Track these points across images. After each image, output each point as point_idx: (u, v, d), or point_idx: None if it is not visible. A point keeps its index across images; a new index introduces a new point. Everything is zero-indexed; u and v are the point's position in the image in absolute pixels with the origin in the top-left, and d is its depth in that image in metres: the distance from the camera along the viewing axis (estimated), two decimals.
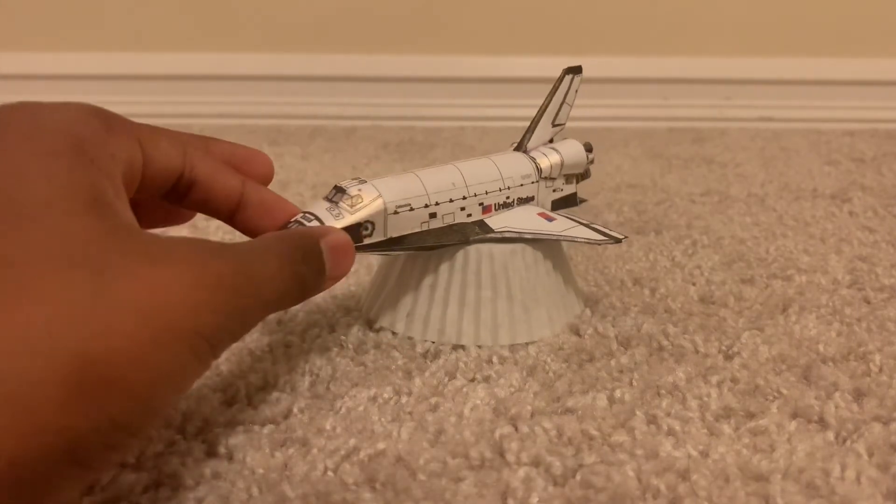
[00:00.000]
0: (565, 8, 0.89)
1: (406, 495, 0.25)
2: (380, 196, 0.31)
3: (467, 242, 0.34)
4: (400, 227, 0.32)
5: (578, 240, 0.34)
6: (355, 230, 0.30)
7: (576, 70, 0.38)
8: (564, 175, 0.39)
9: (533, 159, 0.37)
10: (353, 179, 0.32)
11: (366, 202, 0.31)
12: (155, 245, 0.20)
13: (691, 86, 0.92)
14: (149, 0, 0.89)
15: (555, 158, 0.38)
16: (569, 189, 0.40)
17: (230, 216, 0.29)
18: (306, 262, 0.25)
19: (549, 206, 0.38)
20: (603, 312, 0.38)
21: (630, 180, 0.64)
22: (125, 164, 0.23)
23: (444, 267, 0.34)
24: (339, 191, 0.31)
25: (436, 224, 0.33)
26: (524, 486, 0.25)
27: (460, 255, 0.34)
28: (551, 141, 0.40)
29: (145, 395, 0.19)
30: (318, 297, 0.40)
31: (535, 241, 0.35)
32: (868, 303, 0.40)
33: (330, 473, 0.26)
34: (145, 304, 0.19)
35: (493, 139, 0.81)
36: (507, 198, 0.36)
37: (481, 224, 0.35)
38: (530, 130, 0.38)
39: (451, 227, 0.34)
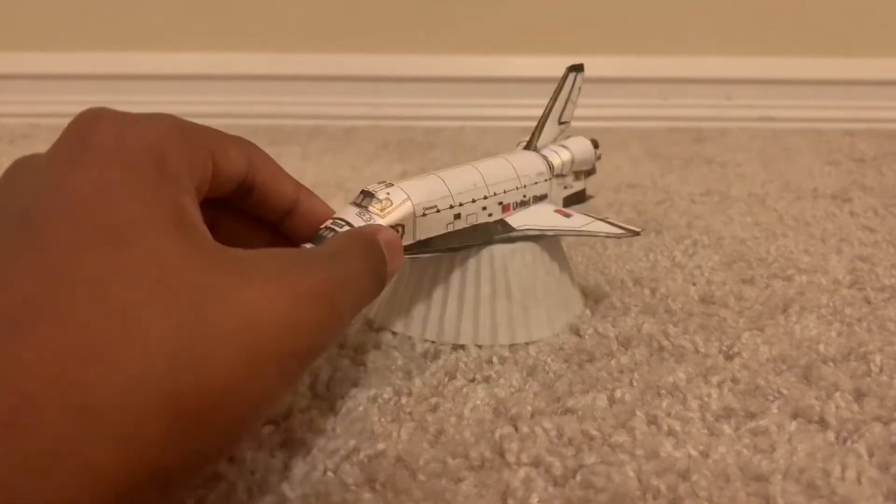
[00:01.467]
0: (565, 8, 0.89)
1: (406, 496, 0.25)
2: (408, 199, 0.30)
3: (491, 242, 0.34)
4: (427, 230, 0.32)
5: (599, 234, 0.35)
6: None
7: (578, 68, 0.39)
8: (574, 172, 0.39)
9: (545, 157, 0.37)
10: (379, 183, 0.31)
11: (395, 205, 0.30)
12: (245, 262, 0.20)
13: (691, 86, 0.92)
14: (149, 0, 0.89)
15: (566, 156, 0.38)
16: (578, 186, 0.40)
17: (279, 221, 0.28)
18: (379, 259, 0.26)
19: (560, 202, 0.39)
20: (603, 312, 0.38)
21: (630, 180, 0.64)
22: (199, 179, 0.23)
23: (443, 266, 0.34)
24: (368, 195, 0.30)
25: (460, 225, 0.33)
26: (524, 487, 0.25)
27: (460, 254, 0.34)
28: (558, 139, 0.40)
29: (237, 426, 0.19)
30: None
31: (535, 240, 0.35)
32: (868, 303, 0.40)
33: (330, 474, 0.26)
34: (239, 330, 0.18)
35: (493, 139, 0.81)
36: (524, 196, 0.36)
37: (503, 223, 0.35)
38: (538, 129, 0.38)
39: (475, 227, 0.34)
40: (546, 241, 0.36)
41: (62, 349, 0.16)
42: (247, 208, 0.27)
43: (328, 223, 0.29)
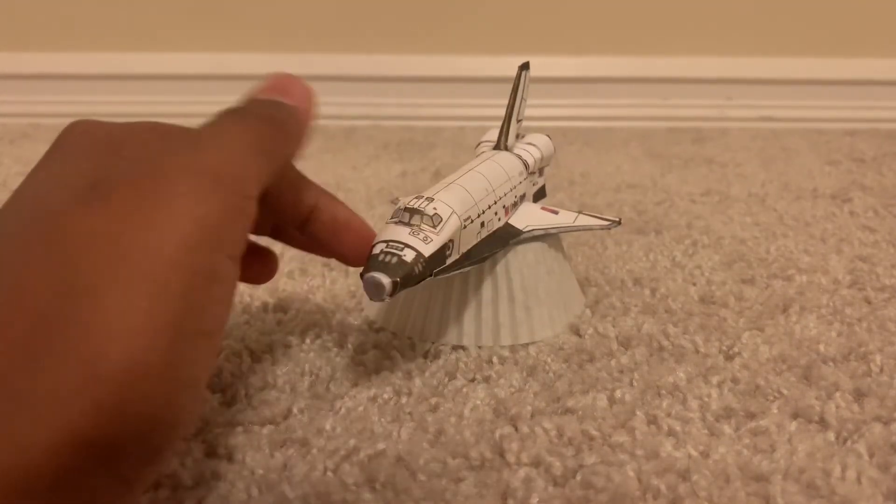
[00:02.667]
0: (566, 8, 0.89)
1: (406, 496, 0.25)
2: (454, 212, 0.30)
3: (506, 246, 0.34)
4: (466, 242, 0.31)
5: (593, 227, 0.36)
6: (442, 252, 0.29)
7: (525, 66, 0.39)
8: (539, 168, 0.39)
9: (518, 156, 0.37)
10: (416, 198, 0.30)
11: (445, 220, 0.29)
12: None
13: (691, 86, 0.92)
14: (149, 0, 0.89)
15: (536, 153, 0.38)
16: (541, 181, 0.40)
17: (299, 228, 0.28)
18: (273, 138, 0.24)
19: (531, 199, 0.39)
20: (603, 312, 0.38)
21: (630, 180, 0.64)
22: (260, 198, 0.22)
23: None
24: (414, 212, 0.29)
25: (484, 233, 0.33)
26: (524, 487, 0.25)
27: None
28: (518, 137, 0.40)
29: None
30: (318, 297, 0.40)
31: (536, 240, 0.35)
32: (868, 303, 0.40)
33: (330, 474, 0.26)
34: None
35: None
36: (516, 197, 0.36)
37: (510, 227, 0.35)
38: (506, 129, 0.38)
39: (494, 234, 0.34)
40: (547, 240, 0.36)
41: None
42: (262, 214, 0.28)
43: (382, 248, 0.28)
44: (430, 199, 0.30)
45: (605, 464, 0.26)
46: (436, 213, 0.29)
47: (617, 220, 0.37)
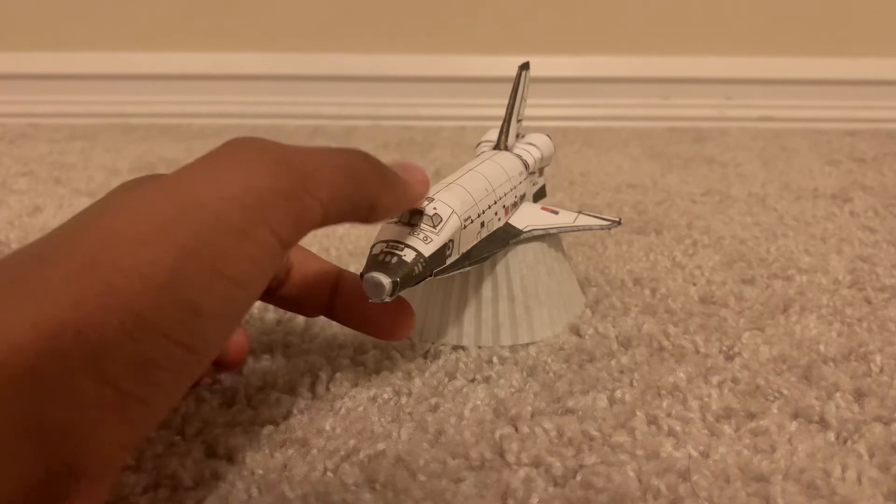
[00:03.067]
0: (565, 8, 0.89)
1: (406, 496, 0.25)
2: (453, 211, 0.30)
3: (506, 246, 0.34)
4: (466, 242, 0.31)
5: (592, 228, 0.36)
6: (442, 252, 0.29)
7: (526, 66, 0.39)
8: (539, 168, 0.39)
9: (519, 156, 0.37)
10: None
11: (444, 219, 0.29)
12: None
13: (691, 86, 0.92)
14: (149, 0, 0.89)
15: (536, 153, 0.38)
16: (541, 181, 0.40)
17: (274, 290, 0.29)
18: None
19: (531, 199, 0.39)
20: (603, 312, 0.38)
21: (630, 180, 0.64)
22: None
23: None
24: (414, 212, 0.29)
25: (484, 233, 0.33)
26: (524, 487, 0.25)
27: None
28: (518, 136, 0.40)
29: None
30: None
31: (536, 240, 0.35)
32: (869, 303, 0.40)
33: (330, 474, 0.26)
34: None
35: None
36: (516, 197, 0.36)
37: (510, 227, 0.35)
38: (506, 128, 0.38)
39: (494, 234, 0.33)
40: (547, 240, 0.36)
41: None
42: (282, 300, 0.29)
43: (382, 248, 0.28)
44: (431, 199, 0.30)
45: (606, 464, 0.26)
46: (436, 213, 0.29)
47: (617, 220, 0.37)
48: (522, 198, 0.37)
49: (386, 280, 0.27)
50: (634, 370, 0.32)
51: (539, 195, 0.40)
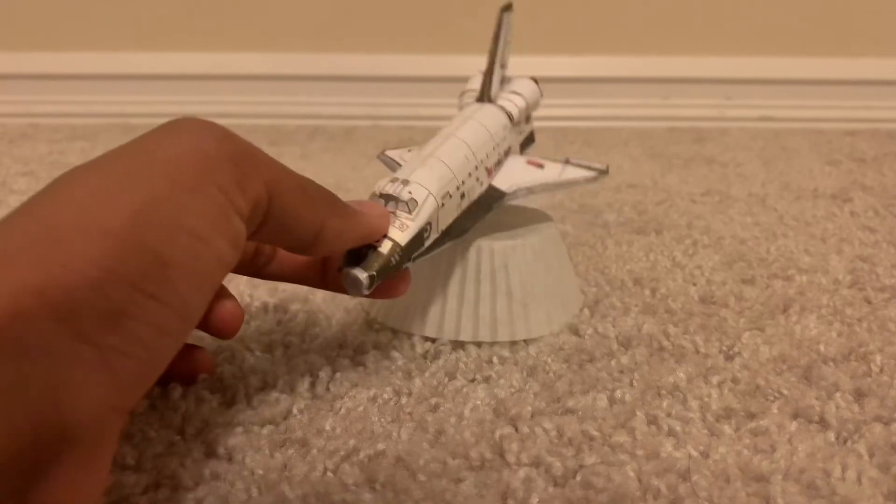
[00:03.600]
0: (565, 8, 0.89)
1: (406, 496, 0.25)
2: (430, 193, 0.29)
3: (490, 210, 0.33)
4: (446, 219, 0.30)
5: (578, 181, 0.35)
6: (419, 236, 0.29)
7: (508, 7, 0.38)
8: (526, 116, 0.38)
9: (503, 108, 0.36)
10: (391, 182, 0.30)
11: (420, 203, 0.29)
12: None
13: (691, 86, 0.92)
14: (149, 0, 0.89)
15: (520, 102, 0.37)
16: (528, 128, 0.39)
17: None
18: None
19: (517, 149, 0.38)
20: (603, 312, 0.38)
21: (630, 180, 0.64)
22: (248, 219, 0.23)
23: (443, 263, 0.34)
24: (389, 198, 0.29)
25: (465, 204, 0.32)
26: (524, 487, 0.25)
27: (460, 250, 0.34)
28: (503, 83, 0.39)
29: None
30: (318, 297, 0.40)
31: (536, 237, 0.35)
32: (869, 303, 0.40)
33: (329, 474, 0.26)
34: None
35: None
36: (500, 155, 0.35)
37: (493, 190, 0.33)
38: (488, 78, 0.37)
39: (476, 202, 0.32)
40: (547, 238, 0.36)
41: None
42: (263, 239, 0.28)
43: None
44: (406, 182, 0.29)
45: (606, 464, 0.26)
46: (411, 199, 0.29)
47: (604, 168, 0.35)
48: (508, 151, 0.36)
49: (363, 275, 0.27)
50: (634, 370, 0.32)
51: (527, 143, 0.39)
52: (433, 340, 0.35)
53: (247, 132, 0.28)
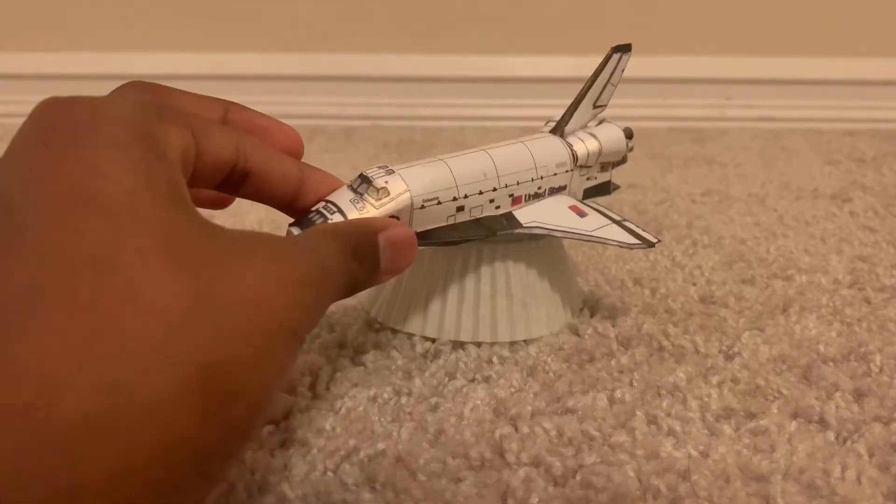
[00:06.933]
0: (565, 8, 0.89)
1: (406, 496, 0.25)
2: (407, 190, 0.29)
3: (493, 236, 0.32)
4: (425, 222, 0.30)
5: (609, 242, 0.32)
6: None
7: (625, 48, 0.35)
8: (600, 163, 0.36)
9: (570, 145, 0.35)
10: (379, 168, 0.29)
11: (392, 196, 0.28)
12: (240, 242, 0.20)
13: (691, 86, 0.92)
14: (149, 0, 0.89)
15: (593, 146, 0.35)
16: (603, 177, 0.37)
17: (289, 204, 0.27)
18: (358, 258, 0.25)
19: (580, 194, 0.36)
20: (603, 312, 0.38)
21: (630, 180, 0.64)
22: (181, 156, 0.22)
23: (443, 262, 0.34)
24: (365, 181, 0.29)
25: (462, 217, 0.31)
26: (524, 487, 0.25)
27: (460, 250, 0.34)
28: (588, 124, 0.37)
29: (262, 399, 0.18)
30: None
31: (537, 239, 0.34)
32: (869, 303, 0.40)
33: (330, 474, 0.26)
34: (250, 305, 0.18)
35: (493, 139, 0.80)
36: (539, 188, 0.33)
37: (509, 217, 0.33)
38: (570, 111, 0.35)
39: (478, 220, 0.32)
40: (548, 238, 0.35)
41: (77, 329, 0.15)
42: (250, 195, 0.26)
43: (320, 206, 0.28)
44: (390, 172, 0.29)
45: (605, 464, 0.26)
46: (384, 188, 0.28)
47: (654, 240, 0.32)
48: (559, 189, 0.34)
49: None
50: (634, 370, 0.32)
51: (596, 191, 0.37)
52: (433, 340, 0.35)
53: None
